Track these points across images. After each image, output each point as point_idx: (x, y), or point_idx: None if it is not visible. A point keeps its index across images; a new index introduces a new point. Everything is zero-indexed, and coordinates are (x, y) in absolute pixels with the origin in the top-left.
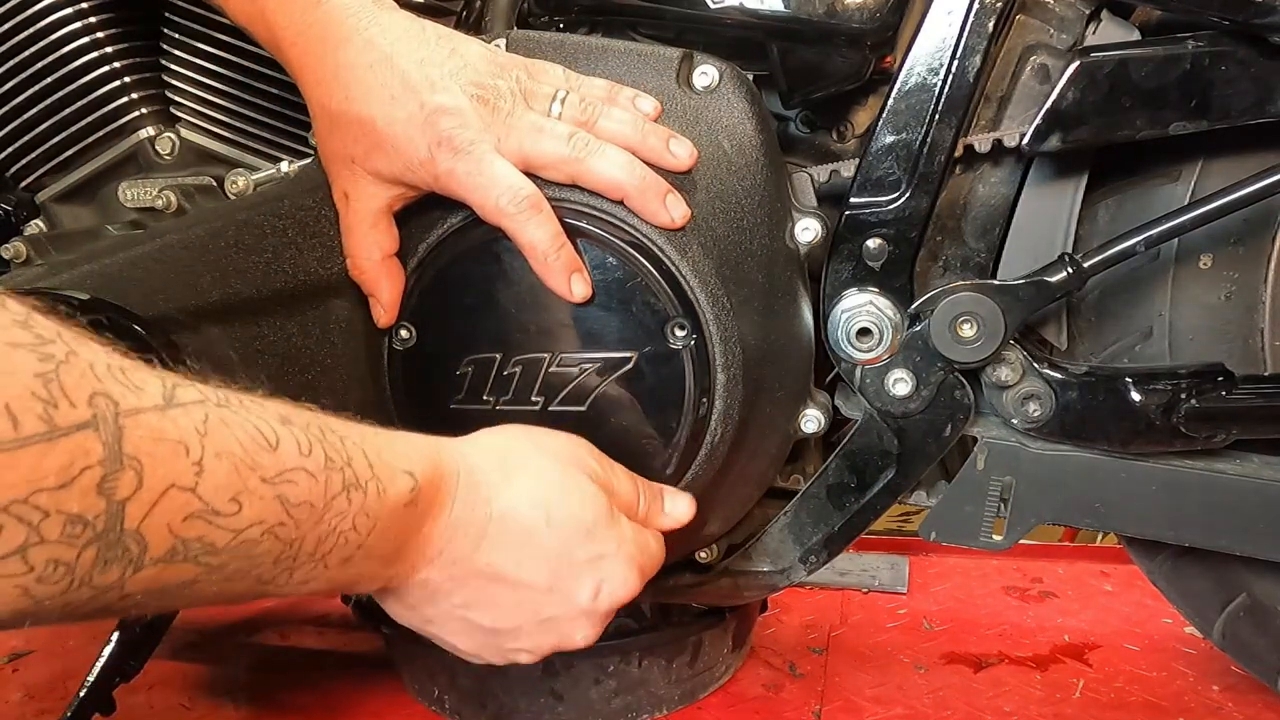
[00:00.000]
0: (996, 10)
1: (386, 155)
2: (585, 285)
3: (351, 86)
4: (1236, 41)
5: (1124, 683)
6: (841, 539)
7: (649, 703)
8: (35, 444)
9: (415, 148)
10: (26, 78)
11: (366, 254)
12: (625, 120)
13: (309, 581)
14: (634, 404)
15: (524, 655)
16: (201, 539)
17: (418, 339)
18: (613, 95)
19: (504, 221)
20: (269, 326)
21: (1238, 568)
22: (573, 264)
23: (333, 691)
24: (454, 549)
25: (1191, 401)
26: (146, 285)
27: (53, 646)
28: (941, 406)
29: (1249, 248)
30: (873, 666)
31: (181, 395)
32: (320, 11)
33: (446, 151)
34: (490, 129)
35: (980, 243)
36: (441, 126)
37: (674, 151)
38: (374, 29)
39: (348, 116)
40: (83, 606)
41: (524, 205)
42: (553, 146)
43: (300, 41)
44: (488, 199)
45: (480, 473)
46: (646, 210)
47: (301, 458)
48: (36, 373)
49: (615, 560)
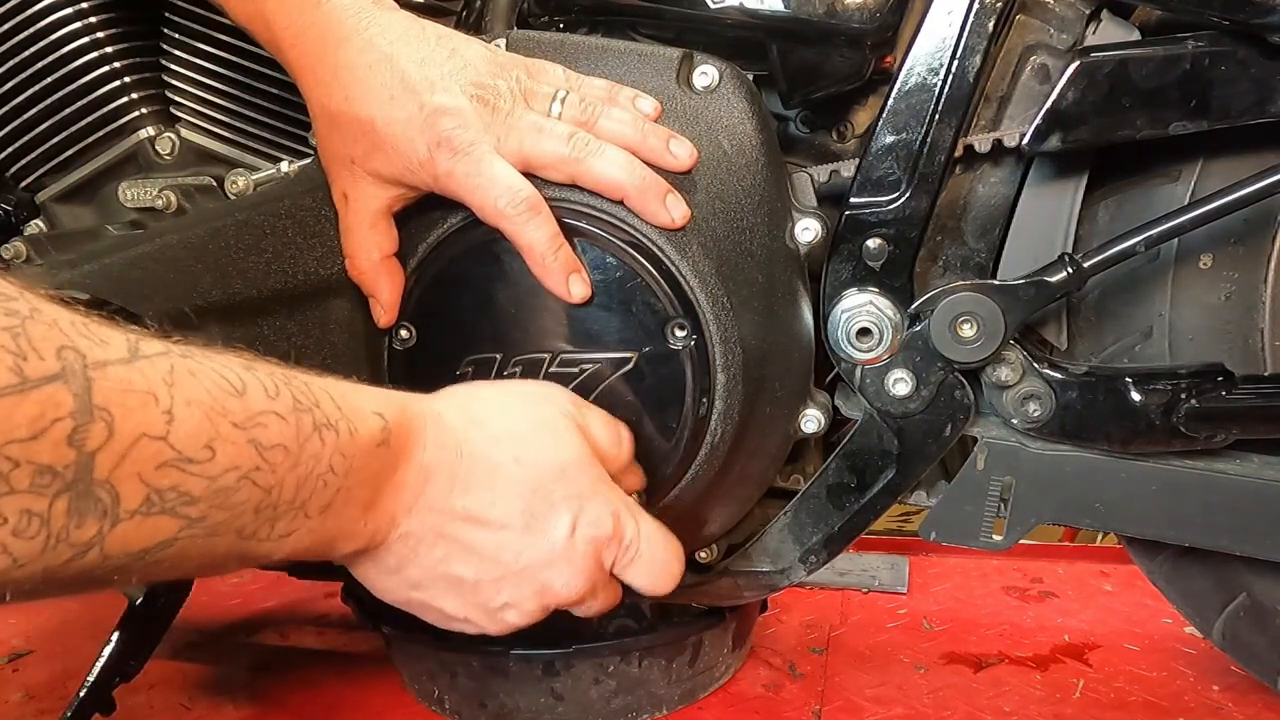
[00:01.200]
0: (996, 10)
1: (386, 156)
2: (584, 286)
3: (351, 86)
4: (1236, 41)
5: (1124, 683)
6: (841, 539)
7: (649, 703)
8: (7, 396)
9: (415, 148)
10: (26, 78)
11: (366, 254)
12: (625, 120)
13: (291, 534)
14: (634, 404)
15: (512, 613)
16: (176, 488)
17: (418, 339)
18: (613, 95)
19: (502, 223)
20: (269, 326)
21: (1238, 568)
22: (570, 265)
23: (333, 691)
24: (429, 495)
25: (1191, 401)
26: (146, 285)
27: (53, 646)
28: (941, 406)
29: (1249, 248)
30: (873, 666)
31: (146, 348)
32: (320, 12)
33: (446, 152)
34: (490, 129)
35: (980, 243)
36: (441, 127)
37: (674, 152)
38: (374, 29)
39: (347, 116)
40: (64, 570)
41: (522, 207)
42: (552, 146)
43: (300, 42)
44: (487, 200)
45: (449, 416)
46: (647, 210)
47: (270, 400)
48: (4, 326)
49: (592, 500)
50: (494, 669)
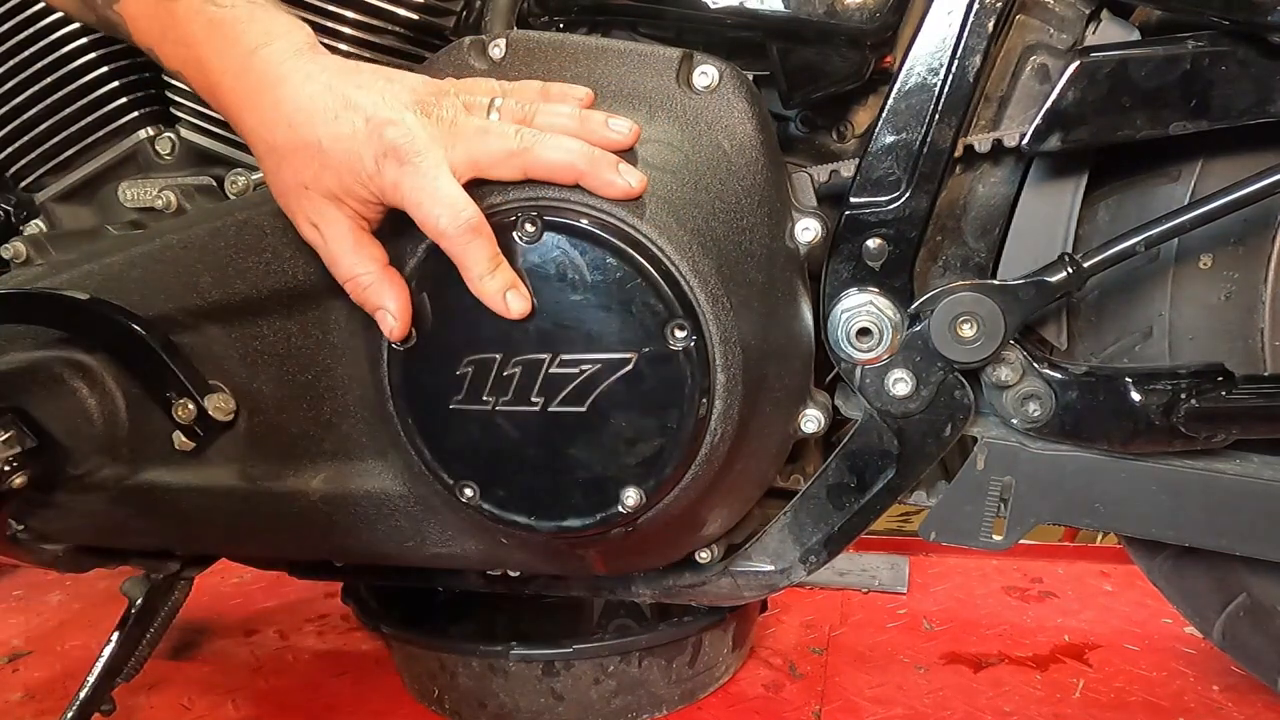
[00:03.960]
0: (996, 10)
1: (336, 173)
2: (522, 301)
3: (294, 115)
4: (1236, 41)
5: (1124, 683)
6: (841, 539)
7: (649, 703)
8: None
9: (362, 162)
10: (26, 78)
11: (363, 274)
12: (562, 111)
13: None
14: (634, 405)
15: None
16: None
17: (418, 339)
18: (545, 92)
19: (443, 242)
20: (269, 326)
21: (1238, 568)
22: (508, 282)
23: (333, 691)
24: None
25: (1191, 401)
26: (146, 285)
27: (53, 646)
28: (941, 406)
29: (1249, 248)
30: (873, 666)
31: None
32: (258, 57)
33: (393, 162)
34: (436, 140)
35: (980, 243)
36: (386, 137)
37: (614, 128)
38: (312, 66)
39: (293, 144)
40: None
41: (464, 228)
42: (499, 144)
43: (238, 85)
44: (429, 216)
45: None
46: (602, 184)
47: None
48: None
49: None
50: (494, 669)
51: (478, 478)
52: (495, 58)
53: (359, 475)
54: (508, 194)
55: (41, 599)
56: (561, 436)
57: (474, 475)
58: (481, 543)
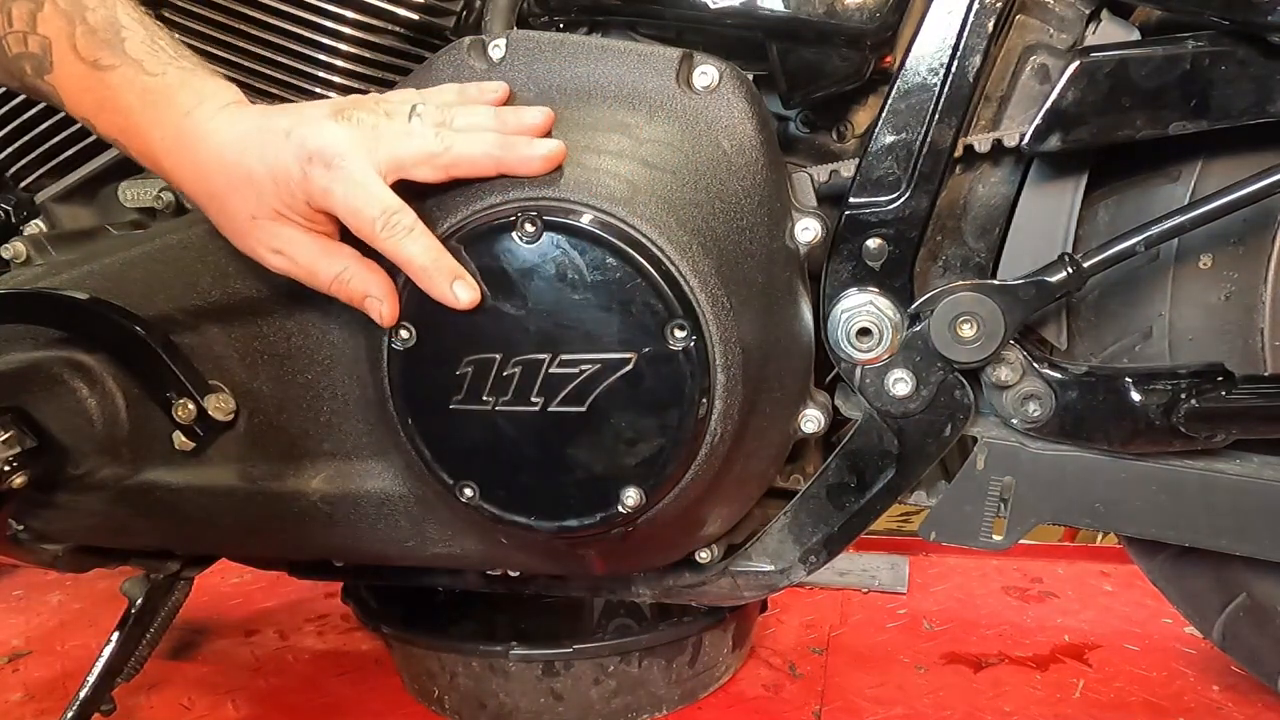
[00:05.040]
0: (996, 10)
1: (274, 191)
2: (470, 290)
3: (225, 157)
4: (1236, 41)
5: (1124, 683)
6: (841, 539)
7: (649, 703)
8: None
9: (289, 171)
10: None
11: (341, 269)
12: (479, 111)
13: None
14: (633, 405)
15: None
16: None
17: (418, 339)
18: (463, 95)
19: (378, 242)
20: (269, 326)
21: (1238, 568)
22: (453, 271)
23: (333, 691)
24: None
25: (1191, 401)
26: (146, 285)
27: (53, 646)
28: (941, 406)
29: (1249, 248)
30: (873, 666)
31: None
32: (190, 120)
33: (319, 167)
34: (359, 144)
35: (980, 243)
36: (309, 144)
37: (529, 118)
38: (238, 114)
39: (230, 182)
40: None
41: (397, 225)
42: (421, 144)
43: (175, 147)
44: (361, 218)
45: None
46: (519, 161)
47: None
48: None
49: None
50: (494, 669)
51: (478, 478)
52: (495, 58)
53: (359, 475)
54: (508, 194)
55: (41, 599)
56: (561, 436)
57: (474, 475)
58: (481, 543)
